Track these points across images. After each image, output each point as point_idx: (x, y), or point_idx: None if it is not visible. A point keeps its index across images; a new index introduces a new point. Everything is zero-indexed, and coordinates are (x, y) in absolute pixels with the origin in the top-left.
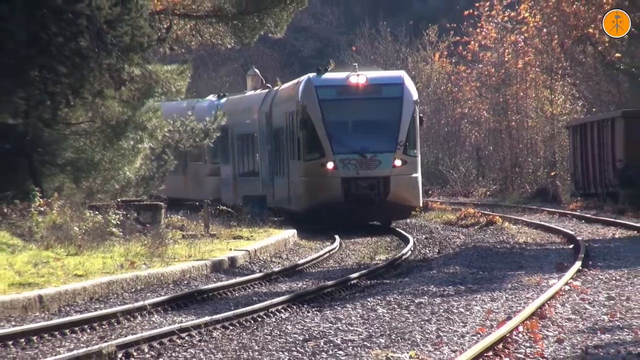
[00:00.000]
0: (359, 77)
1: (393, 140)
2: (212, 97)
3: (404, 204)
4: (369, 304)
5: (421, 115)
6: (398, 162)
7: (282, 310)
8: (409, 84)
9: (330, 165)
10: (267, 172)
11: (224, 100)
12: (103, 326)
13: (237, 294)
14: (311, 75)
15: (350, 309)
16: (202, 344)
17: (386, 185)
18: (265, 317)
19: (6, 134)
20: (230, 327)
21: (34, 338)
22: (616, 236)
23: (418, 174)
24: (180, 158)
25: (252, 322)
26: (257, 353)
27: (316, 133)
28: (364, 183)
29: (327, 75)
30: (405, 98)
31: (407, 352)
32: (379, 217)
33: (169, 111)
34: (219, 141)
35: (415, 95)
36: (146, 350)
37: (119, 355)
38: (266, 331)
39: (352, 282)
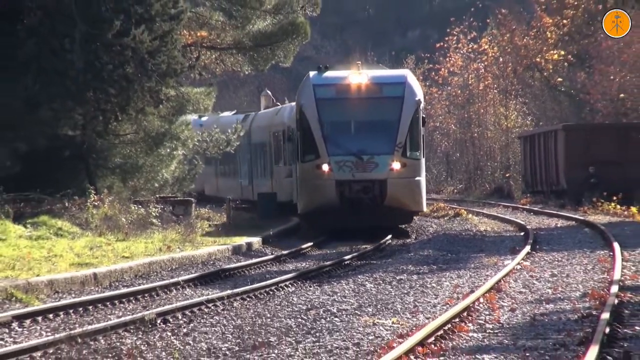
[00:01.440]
0: (360, 76)
1: (391, 142)
2: (293, 103)
3: (403, 208)
4: (359, 280)
5: (424, 115)
6: (396, 165)
7: (289, 285)
8: (413, 82)
9: (325, 167)
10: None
11: None
12: (145, 298)
13: (253, 272)
14: (312, 73)
15: (344, 284)
16: (225, 312)
17: (383, 189)
18: (275, 290)
19: (67, 143)
20: (248, 299)
21: (90, 307)
22: (558, 225)
23: (421, 178)
24: (267, 161)
25: (265, 294)
26: (269, 319)
27: (312, 133)
28: (360, 186)
29: (328, 74)
30: (406, 98)
31: (390, 319)
32: (376, 221)
33: (265, 115)
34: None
35: (419, 95)
36: (180, 317)
37: (158, 321)
38: (276, 302)
39: (346, 262)
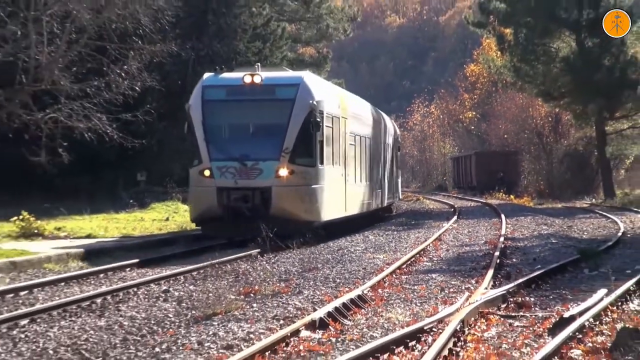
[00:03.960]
0: (254, 77)
1: (278, 147)
2: None
3: (292, 218)
4: (365, 234)
5: (318, 119)
6: (283, 172)
7: (327, 238)
8: (312, 85)
9: (207, 172)
10: None
11: None
12: (252, 244)
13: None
14: (206, 75)
15: (357, 236)
16: (294, 251)
17: (268, 197)
18: (320, 242)
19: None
20: (306, 245)
21: (225, 248)
22: (472, 205)
23: (317, 186)
24: None
25: (315, 243)
26: (317, 255)
27: (196, 137)
28: (240, 194)
29: (223, 75)
30: (298, 100)
31: (382, 255)
32: (260, 232)
33: None
34: None
35: (317, 98)
36: (271, 254)
37: (259, 257)
38: (321, 246)
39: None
